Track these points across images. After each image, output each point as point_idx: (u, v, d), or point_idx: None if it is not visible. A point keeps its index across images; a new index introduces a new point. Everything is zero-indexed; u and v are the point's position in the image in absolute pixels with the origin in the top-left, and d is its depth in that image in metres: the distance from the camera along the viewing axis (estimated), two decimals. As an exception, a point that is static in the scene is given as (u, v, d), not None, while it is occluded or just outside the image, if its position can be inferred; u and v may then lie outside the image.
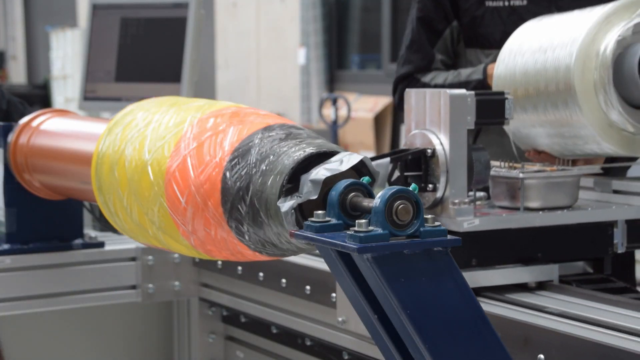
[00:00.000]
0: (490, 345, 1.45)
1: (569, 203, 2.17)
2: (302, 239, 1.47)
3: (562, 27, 2.26)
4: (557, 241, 2.13)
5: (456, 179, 2.01)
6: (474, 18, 2.82)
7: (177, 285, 2.78)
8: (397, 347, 1.48)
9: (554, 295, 2.06)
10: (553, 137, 2.27)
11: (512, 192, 2.14)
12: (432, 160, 2.02)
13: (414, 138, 2.07)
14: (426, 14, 2.86)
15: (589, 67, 2.16)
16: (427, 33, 2.86)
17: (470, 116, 2.03)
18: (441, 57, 2.87)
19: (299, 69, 9.52)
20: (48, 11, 15.41)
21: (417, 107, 2.08)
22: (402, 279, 1.40)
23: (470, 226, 2.01)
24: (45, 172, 2.36)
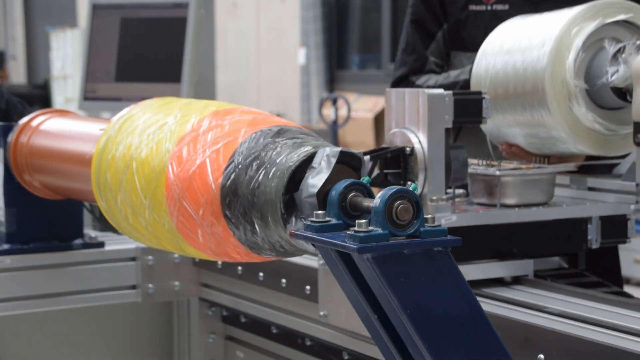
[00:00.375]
0: (490, 345, 1.45)
1: (545, 200, 2.22)
2: (302, 239, 1.47)
3: (534, 28, 2.32)
4: (532, 237, 2.18)
5: (434, 176, 2.06)
6: (458, 21, 2.88)
7: (177, 285, 2.78)
8: (397, 347, 1.48)
9: (529, 289, 2.10)
10: (528, 137, 2.33)
11: (490, 189, 2.19)
12: (411, 158, 2.08)
13: (394, 136, 2.13)
14: (419, 17, 2.93)
15: (559, 70, 2.21)
16: (421, 35, 2.93)
17: (448, 115, 2.09)
18: (434, 60, 2.93)
19: (299, 69, 9.52)
20: (48, 11, 15.42)
21: (396, 106, 2.15)
22: (402, 279, 1.40)
23: (447, 222, 2.04)
24: (45, 172, 2.36)
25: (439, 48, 2.93)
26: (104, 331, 2.90)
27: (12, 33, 16.21)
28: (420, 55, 2.92)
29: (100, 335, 2.90)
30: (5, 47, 16.12)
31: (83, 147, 2.09)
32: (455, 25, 2.89)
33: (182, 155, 1.69)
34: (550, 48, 2.22)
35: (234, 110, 1.74)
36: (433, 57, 2.93)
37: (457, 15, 2.88)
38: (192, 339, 2.93)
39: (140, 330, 2.96)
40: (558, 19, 2.27)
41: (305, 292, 2.36)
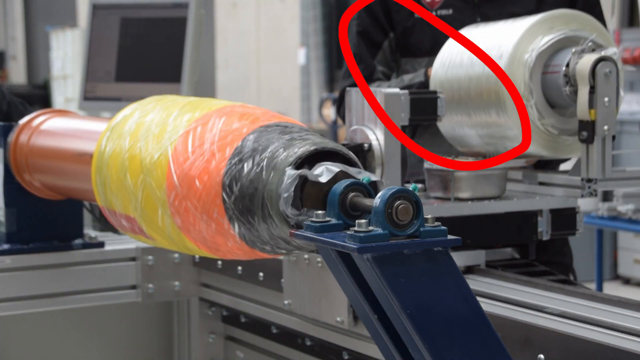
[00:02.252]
0: (490, 345, 1.45)
1: (497, 194, 2.34)
2: (302, 238, 1.47)
3: (491, 37, 2.45)
4: (485, 229, 2.29)
5: (391, 171, 2.16)
6: (405, 29, 2.95)
7: (177, 285, 2.78)
8: (397, 347, 1.49)
9: (481, 278, 2.21)
10: (483, 137, 2.46)
11: (445, 183, 2.30)
12: (368, 154, 2.17)
13: (354, 133, 2.22)
14: (365, 28, 3.00)
15: (516, 73, 2.33)
16: (367, 46, 3.01)
17: (404, 113, 2.20)
18: (381, 69, 3.01)
19: (299, 69, 9.52)
20: (48, 11, 15.42)
21: (356, 105, 2.25)
22: (402, 279, 1.40)
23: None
24: (45, 172, 2.36)
25: (385, 57, 3.01)
26: (104, 331, 2.90)
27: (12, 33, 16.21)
28: (367, 65, 2.99)
29: (101, 336, 2.90)
30: (5, 47, 16.13)
31: (83, 147, 2.09)
32: (403, 33, 2.96)
33: (184, 152, 1.69)
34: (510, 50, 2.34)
35: (236, 108, 1.75)
36: (380, 66, 3.01)
37: (403, 23, 2.96)
38: (192, 339, 2.93)
39: (140, 330, 2.96)
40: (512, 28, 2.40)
41: (305, 292, 2.36)
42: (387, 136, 2.16)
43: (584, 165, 2.29)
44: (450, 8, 2.91)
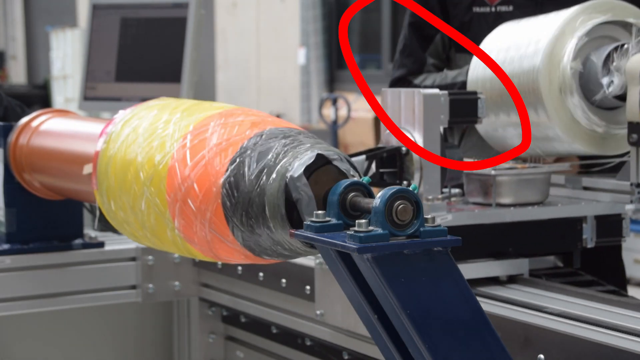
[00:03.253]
0: (490, 345, 1.45)
1: (540, 199, 2.24)
2: (302, 239, 1.47)
3: (531, 29, 2.33)
4: (527, 236, 2.19)
5: (430, 175, 2.08)
6: (462, 24, 2.87)
7: (177, 285, 2.78)
8: (397, 347, 1.48)
9: (524, 288, 2.11)
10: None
11: (485, 188, 2.20)
12: (406, 158, 2.10)
13: (389, 136, 2.14)
14: (417, 20, 2.93)
15: (554, 69, 2.22)
16: (419, 38, 2.93)
17: (443, 115, 2.11)
18: (433, 61, 2.93)
19: (299, 69, 9.53)
20: (48, 11, 15.42)
21: (392, 106, 2.17)
22: (402, 279, 1.40)
23: (443, 222, 2.03)
24: (45, 173, 2.36)
25: (437, 50, 2.93)
26: (104, 331, 2.90)
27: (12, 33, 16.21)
28: (417, 57, 2.93)
29: (100, 336, 2.90)
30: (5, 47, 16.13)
31: (83, 148, 2.09)
32: (459, 28, 2.87)
33: (184, 156, 1.69)
34: (546, 43, 2.23)
35: (236, 112, 1.74)
36: (432, 58, 2.93)
37: (461, 17, 2.88)
38: (192, 339, 2.93)
39: (140, 330, 2.96)
40: (555, 18, 2.29)
41: (305, 292, 2.36)
42: (426, 139, 2.09)
43: (634, 170, 2.16)
44: (510, 5, 2.81)
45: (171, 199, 1.70)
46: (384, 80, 8.96)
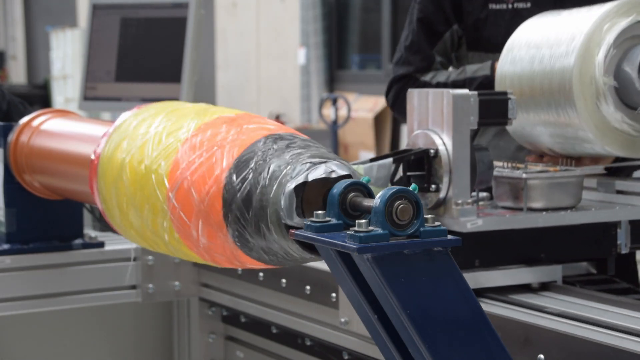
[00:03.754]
0: (490, 345, 1.45)
1: (572, 203, 2.16)
2: (302, 239, 1.47)
3: (562, 26, 2.24)
4: (560, 242, 2.12)
5: (459, 179, 2.01)
6: (477, 21, 2.78)
7: (177, 285, 2.78)
8: (397, 347, 1.48)
9: (558, 296, 2.05)
10: (555, 137, 2.26)
11: (515, 192, 2.13)
12: (435, 161, 2.02)
13: (416, 138, 2.07)
14: (426, 16, 2.83)
15: (587, 69, 2.15)
16: (427, 35, 2.83)
17: (473, 116, 2.03)
18: (440, 59, 2.84)
19: (299, 69, 9.52)
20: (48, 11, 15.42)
21: (419, 107, 2.08)
22: (402, 279, 1.40)
23: (473, 227, 2.00)
24: (45, 173, 2.36)
25: (445, 48, 2.84)
26: (104, 331, 2.90)
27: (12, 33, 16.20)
28: (426, 55, 2.83)
29: (100, 336, 2.90)
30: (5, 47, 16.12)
31: (83, 149, 2.09)
32: (474, 25, 2.79)
33: (185, 160, 1.69)
34: (579, 44, 2.15)
35: (238, 117, 1.74)
36: (439, 56, 2.84)
37: (476, 14, 2.78)
38: (192, 339, 2.93)
39: (140, 330, 2.96)
40: (589, 15, 2.20)
41: (306, 292, 2.36)
42: (456, 141, 2.00)
43: None
44: (528, 1, 2.72)
45: (171, 204, 1.70)
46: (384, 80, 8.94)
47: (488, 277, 2.05)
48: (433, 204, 2.04)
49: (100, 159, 1.92)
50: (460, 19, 2.81)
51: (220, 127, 1.70)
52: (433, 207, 2.04)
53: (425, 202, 2.04)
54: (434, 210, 2.04)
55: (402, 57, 2.87)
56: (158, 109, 1.90)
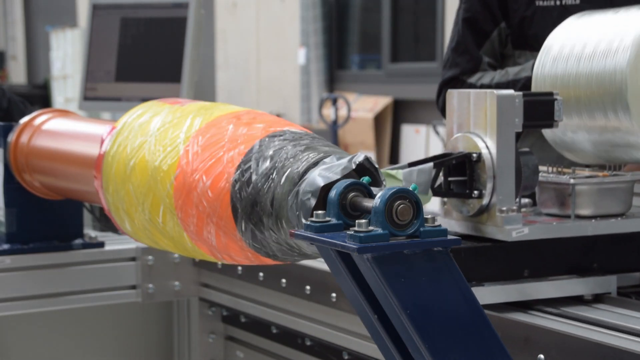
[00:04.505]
0: (490, 345, 1.45)
1: (622, 210, 2.05)
2: (302, 239, 1.47)
3: (609, 25, 2.11)
4: (613, 251, 2.02)
5: (504, 184, 1.91)
6: (524, 19, 2.72)
7: (177, 285, 2.78)
8: (397, 347, 1.48)
9: (613, 308, 1.94)
10: (599, 145, 2.11)
11: (562, 198, 2.02)
12: (477, 165, 1.92)
13: (456, 142, 1.97)
14: (473, 15, 2.77)
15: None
16: (474, 35, 2.77)
17: (518, 118, 1.92)
18: (488, 60, 2.77)
19: (299, 69, 9.52)
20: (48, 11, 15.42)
21: (460, 108, 1.99)
22: (402, 279, 1.40)
23: (519, 235, 1.91)
24: (45, 173, 2.36)
25: (493, 48, 2.77)
26: (103, 331, 2.90)
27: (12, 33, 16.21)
28: (472, 56, 2.76)
29: (100, 336, 2.90)
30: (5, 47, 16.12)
31: (84, 148, 2.09)
32: (520, 23, 2.72)
33: (192, 157, 1.69)
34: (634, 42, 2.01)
35: (244, 114, 1.74)
36: (487, 57, 2.77)
37: (522, 12, 2.72)
38: (192, 339, 2.93)
39: (140, 330, 2.96)
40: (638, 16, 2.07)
41: (305, 292, 2.36)
42: (500, 144, 1.90)
43: None
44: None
45: (178, 202, 1.70)
46: (384, 81, 8.97)
47: (538, 288, 1.95)
48: (475, 211, 1.94)
49: (105, 157, 1.92)
50: (507, 17, 2.74)
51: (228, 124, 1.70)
52: (475, 214, 1.95)
53: (467, 209, 1.96)
54: (476, 217, 1.95)
55: (449, 60, 2.81)
56: (166, 106, 1.90)
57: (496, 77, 2.69)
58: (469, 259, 1.90)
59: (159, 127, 1.82)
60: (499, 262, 1.93)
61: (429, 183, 1.89)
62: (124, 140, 1.88)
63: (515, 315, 1.89)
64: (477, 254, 1.92)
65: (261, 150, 1.61)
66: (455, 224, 2.01)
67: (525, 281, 1.95)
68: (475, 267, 1.91)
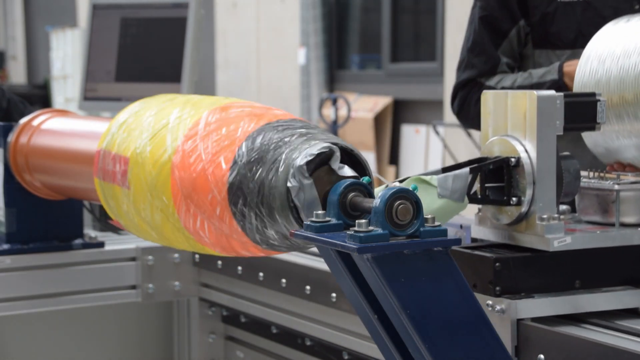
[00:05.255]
0: (490, 345, 1.45)
1: None
2: (302, 239, 1.47)
3: None
4: None
5: (544, 191, 1.81)
6: (545, 15, 2.62)
7: (177, 285, 2.78)
8: (397, 347, 1.49)
9: None
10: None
11: (605, 205, 1.92)
12: (516, 171, 1.82)
13: (492, 146, 1.87)
14: (490, 13, 2.66)
15: None
16: (491, 34, 2.67)
17: (559, 120, 1.82)
18: (506, 60, 2.67)
19: (299, 69, 9.52)
20: (48, 11, 15.42)
21: (496, 110, 1.88)
22: (402, 279, 1.40)
23: (561, 245, 1.81)
24: (45, 172, 2.36)
25: (511, 47, 2.67)
26: (104, 331, 2.90)
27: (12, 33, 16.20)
28: (490, 56, 2.65)
29: (100, 336, 2.90)
30: (5, 47, 16.12)
31: (83, 147, 2.09)
32: (541, 21, 2.62)
33: (188, 151, 1.69)
34: None
35: (238, 105, 1.74)
36: (505, 57, 2.67)
37: (543, 8, 2.62)
38: (192, 339, 2.93)
39: (140, 330, 2.96)
40: None
41: (305, 292, 2.36)
42: (540, 148, 1.79)
43: None
44: None
45: (175, 196, 1.70)
46: (384, 80, 8.97)
47: (590, 300, 1.85)
48: (514, 219, 1.84)
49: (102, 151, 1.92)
50: (526, 14, 2.65)
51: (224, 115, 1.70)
52: (513, 222, 1.85)
53: (504, 217, 1.86)
54: (514, 225, 1.85)
55: (464, 61, 2.71)
56: (160, 101, 1.90)
57: (518, 79, 2.60)
58: (517, 269, 1.81)
59: (154, 122, 1.81)
60: (549, 273, 1.84)
61: (465, 189, 1.80)
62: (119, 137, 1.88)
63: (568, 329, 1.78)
64: (527, 263, 1.82)
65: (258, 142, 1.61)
66: (489, 232, 1.91)
67: (577, 292, 1.85)
68: (524, 277, 1.81)
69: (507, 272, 1.79)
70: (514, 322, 1.77)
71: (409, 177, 1.76)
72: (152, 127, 1.81)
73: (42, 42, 14.68)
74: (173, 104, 1.85)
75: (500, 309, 1.77)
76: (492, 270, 1.78)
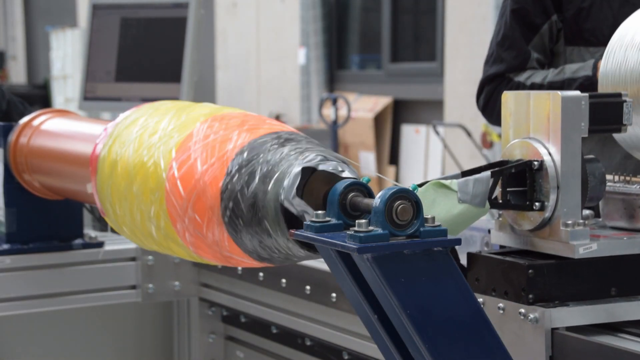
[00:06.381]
0: (490, 345, 1.45)
1: None
2: (302, 239, 1.47)
3: None
4: None
5: (569, 195, 1.73)
6: (580, 10, 2.54)
7: (177, 285, 2.78)
8: (397, 347, 1.49)
9: None
10: None
11: (631, 211, 1.86)
12: (539, 174, 1.74)
13: (513, 148, 1.79)
14: (522, 6, 2.58)
15: None
16: (522, 28, 2.58)
17: (584, 122, 1.74)
18: (537, 56, 2.59)
19: (299, 69, 9.52)
20: (48, 11, 15.42)
21: (517, 112, 1.80)
22: (402, 279, 1.40)
23: (586, 252, 1.74)
24: (45, 173, 2.36)
25: (543, 42, 2.58)
26: (103, 331, 2.90)
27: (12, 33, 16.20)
28: (520, 51, 2.56)
29: (100, 336, 2.90)
30: (5, 47, 16.12)
31: (83, 148, 2.09)
32: (575, 16, 2.54)
33: (182, 163, 1.69)
34: None
35: (233, 116, 1.74)
36: (536, 52, 2.58)
37: (578, 3, 2.54)
38: (192, 339, 2.93)
39: (140, 330, 2.96)
40: None
41: (305, 292, 2.36)
42: (564, 151, 1.71)
43: None
44: None
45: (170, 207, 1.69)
46: (384, 80, 8.97)
47: (627, 308, 1.78)
48: (537, 225, 1.76)
49: (100, 162, 1.92)
50: (559, 9, 2.57)
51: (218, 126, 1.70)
52: (536, 227, 1.77)
53: (526, 223, 1.78)
54: (537, 231, 1.77)
55: (493, 55, 2.62)
56: (157, 108, 1.90)
57: (549, 75, 2.52)
58: (551, 276, 1.74)
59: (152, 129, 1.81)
60: (584, 280, 1.77)
61: (487, 194, 1.73)
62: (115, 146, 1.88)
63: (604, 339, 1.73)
64: (560, 270, 1.75)
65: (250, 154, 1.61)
66: (509, 239, 1.83)
67: (613, 301, 1.78)
68: (558, 284, 1.75)
69: (541, 280, 1.72)
70: (549, 331, 1.70)
71: (428, 181, 1.69)
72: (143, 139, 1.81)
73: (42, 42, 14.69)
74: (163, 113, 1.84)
75: (534, 318, 1.70)
76: (525, 277, 1.71)
